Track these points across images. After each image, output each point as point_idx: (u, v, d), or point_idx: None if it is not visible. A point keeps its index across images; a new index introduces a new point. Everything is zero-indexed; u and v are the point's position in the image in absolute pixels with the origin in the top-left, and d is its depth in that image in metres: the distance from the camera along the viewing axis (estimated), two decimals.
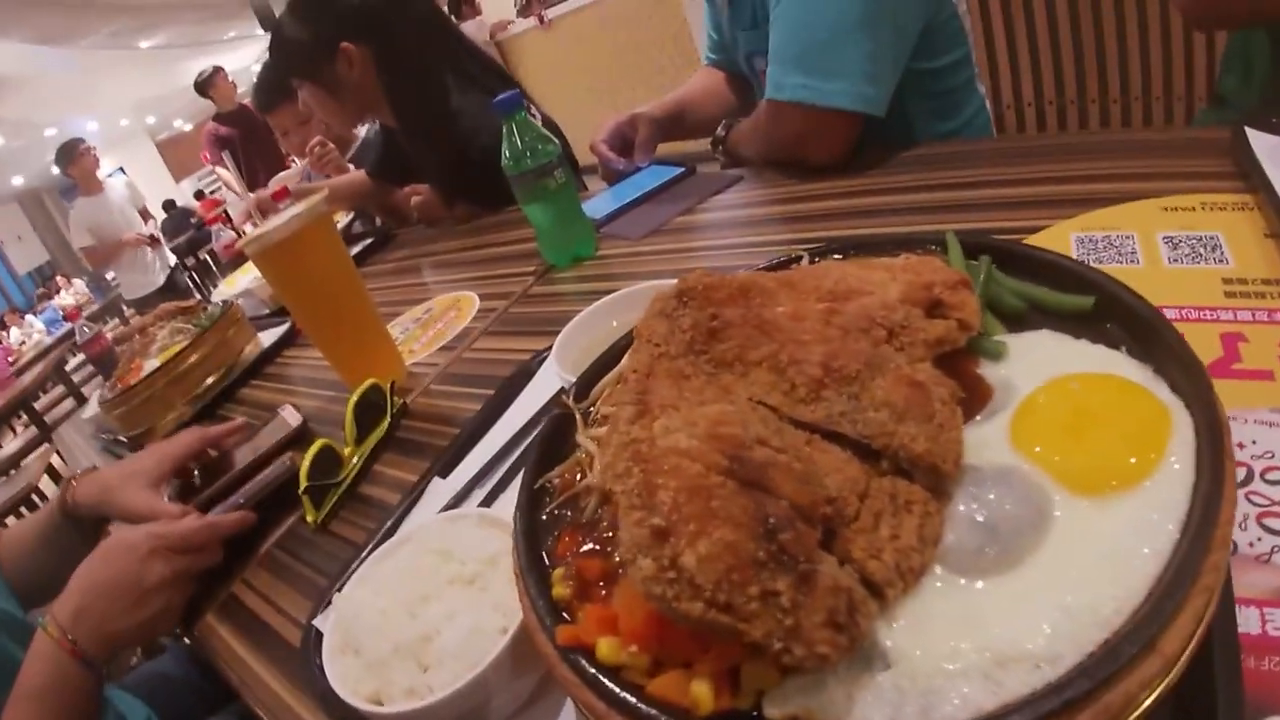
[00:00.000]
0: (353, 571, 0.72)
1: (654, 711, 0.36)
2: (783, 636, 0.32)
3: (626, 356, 0.53)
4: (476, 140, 1.61)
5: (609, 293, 0.89)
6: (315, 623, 0.70)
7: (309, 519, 0.89)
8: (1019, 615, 0.35)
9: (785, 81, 1.19)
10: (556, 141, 1.22)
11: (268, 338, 1.60)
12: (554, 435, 0.55)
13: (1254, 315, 0.73)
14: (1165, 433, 0.41)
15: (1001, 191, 1.09)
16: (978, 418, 0.45)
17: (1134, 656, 0.31)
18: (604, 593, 0.43)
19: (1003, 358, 0.49)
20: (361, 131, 2.39)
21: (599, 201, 1.46)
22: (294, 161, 3.10)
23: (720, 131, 1.46)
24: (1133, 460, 0.40)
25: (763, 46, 1.26)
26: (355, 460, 0.94)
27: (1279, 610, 0.50)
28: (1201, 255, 0.83)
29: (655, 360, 0.44)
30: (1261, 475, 0.58)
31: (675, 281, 0.49)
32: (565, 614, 0.43)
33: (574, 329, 0.86)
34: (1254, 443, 0.61)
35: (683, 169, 1.46)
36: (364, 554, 0.76)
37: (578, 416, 0.54)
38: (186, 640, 0.97)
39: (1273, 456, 0.60)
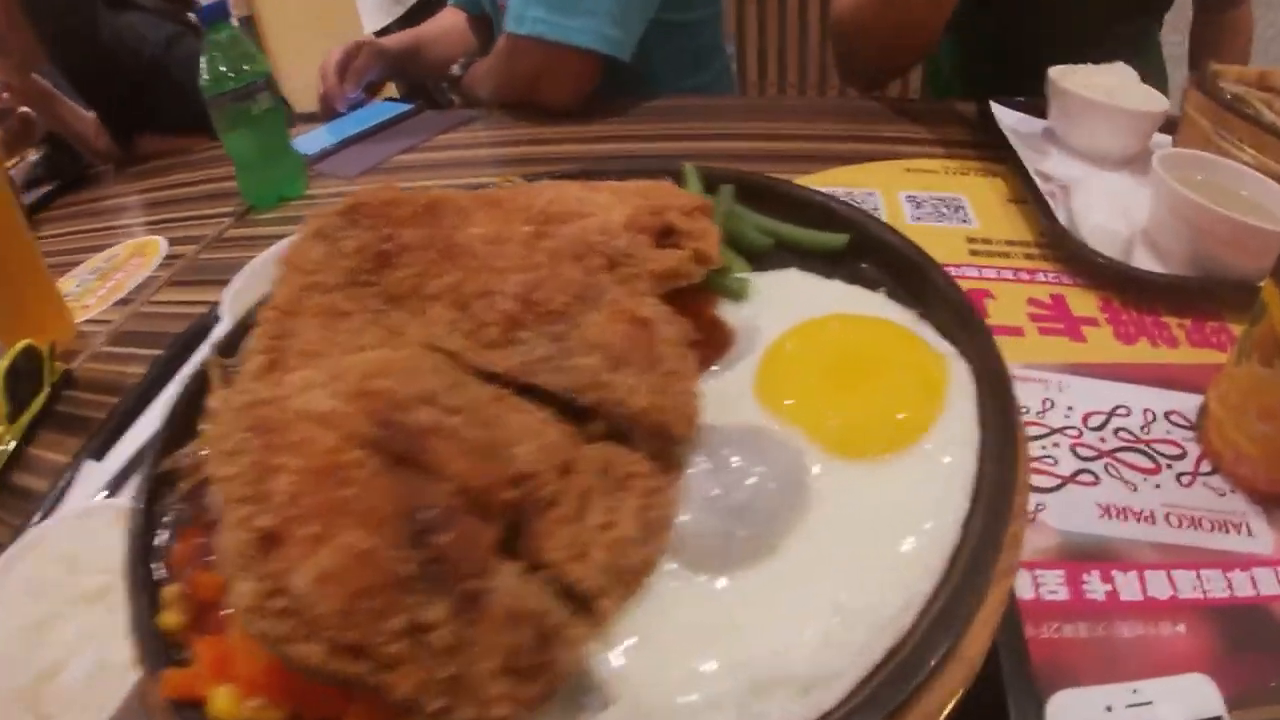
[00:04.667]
0: None
1: None
2: (442, 692, 0.21)
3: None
4: (141, 57, 1.47)
5: None
6: None
7: None
8: (779, 620, 0.26)
9: (526, 14, 1.13)
10: (266, 61, 1.06)
11: None
12: (194, 402, 0.41)
13: (999, 273, 0.72)
14: (941, 383, 0.34)
15: (743, 145, 1.07)
16: (716, 366, 0.37)
17: (933, 670, 0.23)
18: (225, 619, 0.31)
19: (746, 297, 0.42)
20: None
21: (313, 137, 1.31)
22: None
23: (456, 70, 1.41)
24: (904, 416, 0.33)
25: None
26: (6, 443, 0.76)
27: (1049, 571, 0.45)
28: (945, 215, 0.82)
29: (302, 293, 0.32)
30: None
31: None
32: (178, 650, 0.31)
33: (251, 276, 0.71)
34: None
35: (409, 105, 1.36)
36: None
37: (214, 376, 0.40)
38: None
39: (1027, 412, 0.57)
